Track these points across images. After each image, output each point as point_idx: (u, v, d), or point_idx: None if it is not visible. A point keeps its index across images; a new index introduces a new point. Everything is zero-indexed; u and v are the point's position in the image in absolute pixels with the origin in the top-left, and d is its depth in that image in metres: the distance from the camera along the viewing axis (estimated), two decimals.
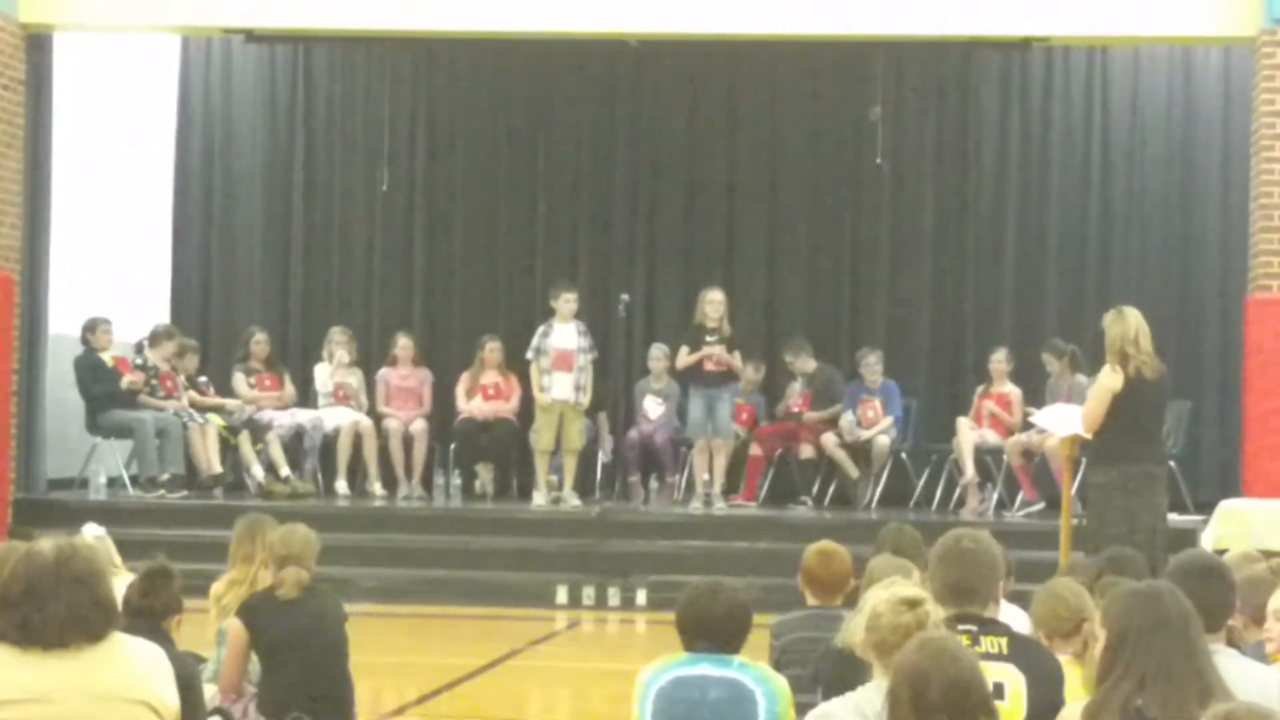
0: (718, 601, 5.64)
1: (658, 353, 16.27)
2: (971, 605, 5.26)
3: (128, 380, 15.22)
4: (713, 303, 15.30)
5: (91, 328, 15.41)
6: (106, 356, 15.35)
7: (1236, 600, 5.61)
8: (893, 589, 5.04)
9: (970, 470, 15.29)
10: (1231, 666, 4.96)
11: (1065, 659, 5.56)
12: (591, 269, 17.43)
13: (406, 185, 17.71)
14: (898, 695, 4.18)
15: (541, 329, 15.38)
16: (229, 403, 15.97)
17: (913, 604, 4.91)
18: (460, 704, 10.01)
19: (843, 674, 5.23)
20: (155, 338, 15.75)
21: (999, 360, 15.71)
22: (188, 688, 5.21)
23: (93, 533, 7.86)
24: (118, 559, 7.74)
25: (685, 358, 15.36)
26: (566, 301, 15.29)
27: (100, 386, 15.22)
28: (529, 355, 15.35)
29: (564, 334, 15.26)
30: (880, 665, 4.77)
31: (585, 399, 15.40)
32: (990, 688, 4.33)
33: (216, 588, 7.66)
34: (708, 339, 15.22)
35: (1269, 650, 5.77)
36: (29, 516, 14.32)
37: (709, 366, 15.25)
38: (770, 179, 17.55)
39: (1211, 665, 4.48)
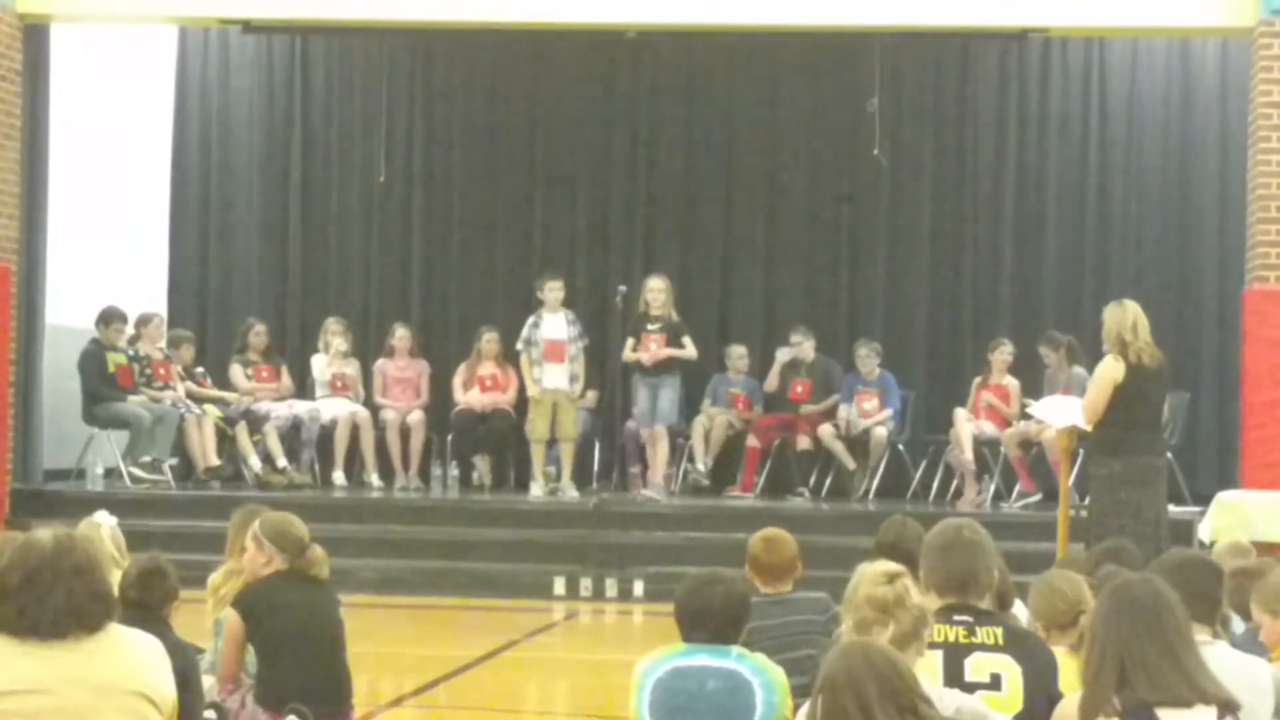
0: (715, 592, 5.64)
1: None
2: (970, 596, 5.27)
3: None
4: (653, 290, 15.26)
5: (106, 320, 15.36)
6: (112, 359, 15.30)
7: (1223, 594, 5.63)
8: (875, 565, 5.04)
9: (968, 457, 15.28)
10: (1227, 661, 4.96)
11: (1062, 650, 5.56)
12: (589, 260, 17.42)
13: (404, 176, 17.70)
14: (839, 705, 4.04)
15: (531, 320, 15.38)
16: (229, 396, 15.94)
17: (891, 577, 4.91)
18: (458, 695, 10.01)
19: None
20: (136, 325, 15.73)
21: (1003, 353, 15.67)
22: (186, 678, 5.22)
23: (106, 522, 7.85)
24: (124, 551, 7.74)
25: (628, 352, 15.32)
26: (552, 290, 15.29)
27: (97, 382, 15.19)
28: (519, 346, 15.35)
29: (553, 324, 15.26)
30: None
31: (579, 388, 15.41)
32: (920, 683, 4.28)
33: (214, 579, 7.65)
34: (649, 327, 15.14)
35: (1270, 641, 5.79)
36: (26, 507, 14.33)
37: (645, 359, 15.18)
38: (768, 170, 17.53)
39: (1192, 647, 4.51)
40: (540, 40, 16.47)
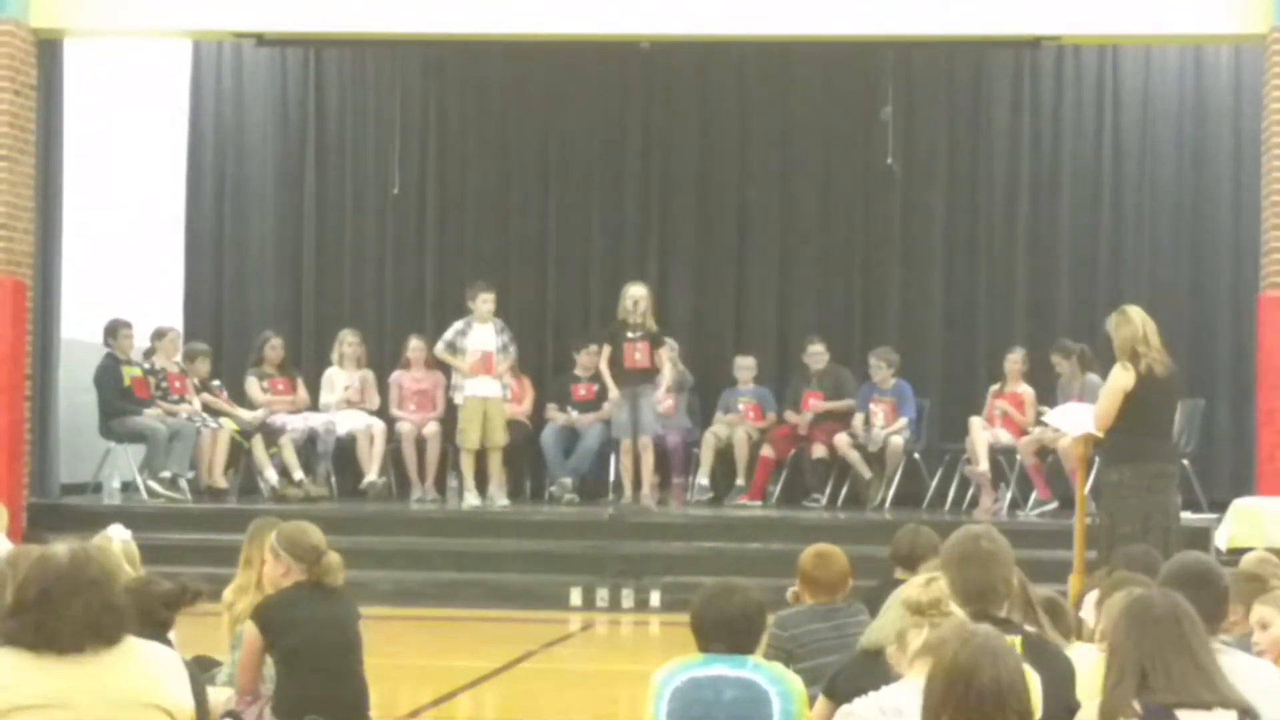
0: (732, 602, 5.64)
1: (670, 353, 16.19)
2: (989, 605, 5.28)
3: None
4: (634, 299, 15.04)
5: (113, 331, 15.42)
6: (127, 371, 15.33)
7: (1229, 603, 5.63)
8: (917, 577, 5.10)
9: (984, 468, 15.26)
10: (1238, 665, 4.96)
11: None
12: (604, 271, 17.41)
13: (418, 188, 17.72)
14: (935, 689, 4.17)
15: (459, 326, 15.34)
16: (246, 414, 15.92)
17: (929, 580, 4.95)
18: (475, 706, 10.02)
19: (867, 677, 5.22)
20: (152, 339, 15.78)
21: (1016, 361, 15.65)
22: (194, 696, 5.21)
23: (120, 535, 7.85)
24: (138, 564, 7.74)
25: (604, 360, 15.13)
26: (485, 302, 15.22)
27: (114, 396, 15.22)
28: (439, 347, 15.31)
29: (482, 335, 15.20)
30: (898, 652, 4.80)
31: (509, 394, 15.53)
32: (1030, 691, 4.33)
33: (226, 595, 7.66)
34: (629, 335, 14.94)
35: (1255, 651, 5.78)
36: (43, 521, 14.33)
37: (630, 364, 14.91)
38: (781, 180, 17.53)
39: (1211, 654, 4.56)
40: (554, 52, 16.47)
